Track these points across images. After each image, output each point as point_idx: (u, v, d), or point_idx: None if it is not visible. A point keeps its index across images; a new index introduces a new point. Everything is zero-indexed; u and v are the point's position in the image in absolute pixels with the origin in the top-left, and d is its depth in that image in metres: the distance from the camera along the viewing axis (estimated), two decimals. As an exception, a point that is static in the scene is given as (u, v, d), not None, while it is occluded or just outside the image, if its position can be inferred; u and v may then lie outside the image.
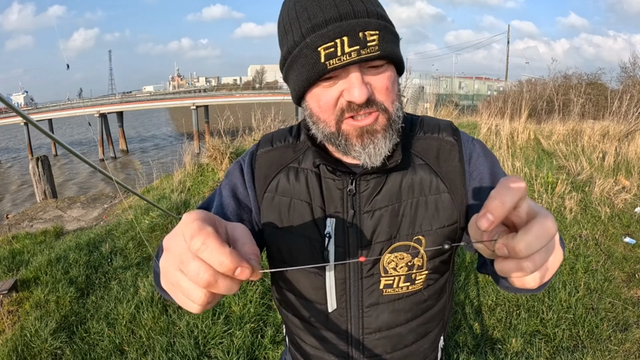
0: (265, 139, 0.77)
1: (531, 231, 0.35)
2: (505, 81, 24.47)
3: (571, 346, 2.32)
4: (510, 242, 0.36)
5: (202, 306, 0.37)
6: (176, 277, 0.37)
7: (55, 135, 1.74)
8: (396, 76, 0.64)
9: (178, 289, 0.37)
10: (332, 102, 0.60)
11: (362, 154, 0.62)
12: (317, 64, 0.57)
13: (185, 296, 0.37)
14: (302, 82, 0.60)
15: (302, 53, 0.58)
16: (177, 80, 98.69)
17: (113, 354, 2.31)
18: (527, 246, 0.35)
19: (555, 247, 0.39)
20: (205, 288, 0.35)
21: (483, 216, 0.35)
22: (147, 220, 4.16)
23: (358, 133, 0.61)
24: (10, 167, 24.05)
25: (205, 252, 0.34)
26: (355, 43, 0.55)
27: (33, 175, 6.44)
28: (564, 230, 3.78)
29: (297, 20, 0.59)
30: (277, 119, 6.23)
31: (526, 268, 0.36)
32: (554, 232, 0.36)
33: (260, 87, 61.43)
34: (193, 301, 0.37)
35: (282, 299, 0.77)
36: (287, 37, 0.61)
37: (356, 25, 0.55)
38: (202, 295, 0.36)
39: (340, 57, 0.55)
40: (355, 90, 0.57)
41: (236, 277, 0.35)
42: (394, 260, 0.67)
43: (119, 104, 31.66)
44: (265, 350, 2.28)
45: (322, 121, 0.63)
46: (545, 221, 0.36)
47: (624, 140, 6.17)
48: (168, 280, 0.39)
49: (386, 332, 0.71)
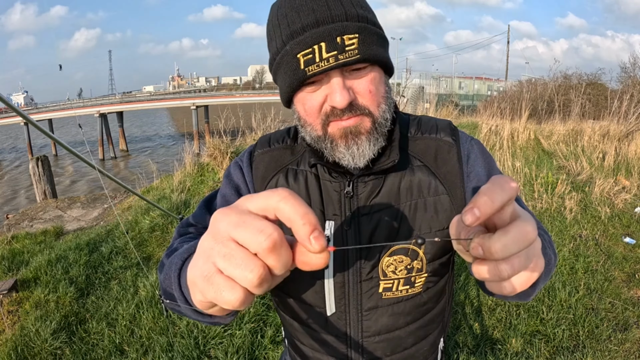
0: (263, 140, 0.77)
1: (509, 233, 0.33)
2: (505, 81, 24.48)
3: (571, 346, 2.32)
4: (487, 242, 0.34)
5: (254, 287, 0.32)
6: (226, 248, 0.32)
7: (56, 135, 1.74)
8: (382, 77, 0.64)
9: (228, 262, 0.32)
10: (317, 106, 0.61)
11: (345, 155, 0.63)
12: (298, 70, 0.58)
13: (231, 276, 0.32)
14: (287, 88, 0.61)
15: (283, 60, 0.59)
16: (177, 80, 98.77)
17: (113, 354, 2.31)
18: (503, 248, 0.33)
19: (537, 255, 0.37)
20: (270, 252, 0.31)
21: (469, 210, 0.33)
22: (147, 220, 4.16)
23: (342, 134, 0.62)
24: (19, 166, 24.02)
25: (287, 204, 0.32)
26: (333, 48, 0.55)
27: (33, 175, 6.44)
28: (564, 230, 3.78)
29: (279, 26, 0.60)
30: (277, 119, 6.23)
31: (503, 272, 0.34)
32: (533, 238, 0.34)
33: (260, 87, 61.47)
34: (244, 278, 0.31)
35: (281, 301, 0.76)
36: (271, 43, 0.62)
37: (332, 30, 0.56)
38: (259, 268, 0.31)
39: (319, 64, 0.56)
40: (336, 95, 0.57)
41: (312, 241, 0.32)
42: (393, 263, 0.66)
43: (119, 104, 31.67)
44: (265, 351, 2.28)
45: (309, 124, 0.64)
46: (525, 225, 0.34)
47: (624, 140, 6.17)
48: (208, 260, 0.34)
49: (385, 335, 0.71)
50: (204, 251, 0.35)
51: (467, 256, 0.40)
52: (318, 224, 0.32)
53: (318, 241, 0.32)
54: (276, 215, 0.33)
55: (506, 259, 0.34)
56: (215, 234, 0.34)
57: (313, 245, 0.32)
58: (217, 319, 0.55)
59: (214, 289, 0.33)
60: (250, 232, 0.31)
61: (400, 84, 9.41)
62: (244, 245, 0.32)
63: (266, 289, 0.33)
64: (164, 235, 3.88)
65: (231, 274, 0.32)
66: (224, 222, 0.33)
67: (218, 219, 0.34)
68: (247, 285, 0.32)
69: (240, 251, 0.32)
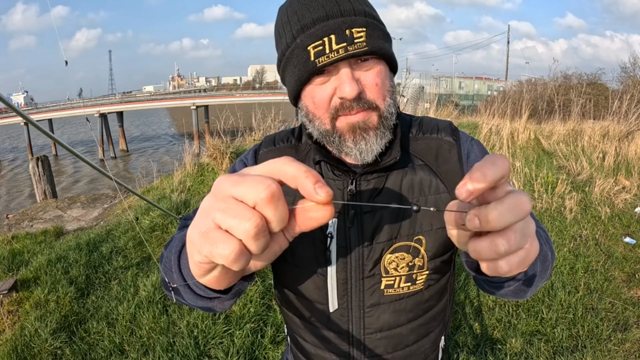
0: (268, 139, 0.79)
1: (505, 202, 0.34)
2: (505, 81, 24.47)
3: (571, 346, 2.33)
4: (483, 212, 0.34)
5: (250, 239, 0.32)
6: (225, 204, 0.33)
7: (56, 135, 1.74)
8: (387, 72, 0.66)
9: (226, 214, 0.32)
10: (326, 98, 0.62)
11: (353, 150, 0.64)
12: (308, 62, 0.60)
13: (228, 228, 0.32)
14: (296, 81, 0.63)
15: (293, 53, 0.61)
16: (177, 80, 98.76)
17: (113, 353, 2.31)
18: (500, 216, 0.33)
19: (532, 236, 0.37)
20: (268, 202, 0.32)
21: (463, 186, 0.33)
22: (147, 220, 4.16)
23: (350, 129, 0.63)
24: (21, 165, 24.02)
25: (291, 165, 0.33)
26: (343, 40, 0.58)
27: (33, 175, 6.44)
28: (564, 230, 3.78)
29: (289, 23, 0.62)
30: (277, 119, 6.23)
31: (500, 246, 0.34)
32: (528, 209, 0.34)
33: (260, 87, 61.47)
34: (240, 227, 0.32)
35: (284, 298, 0.77)
36: (281, 40, 0.64)
37: (342, 23, 0.58)
38: (256, 218, 0.32)
39: (329, 55, 0.58)
40: (346, 86, 0.59)
41: (318, 190, 0.32)
42: (395, 260, 0.68)
43: (119, 104, 31.63)
44: (266, 350, 2.28)
45: (317, 118, 0.65)
46: (521, 196, 0.34)
47: (624, 140, 6.17)
48: (207, 217, 0.34)
49: (387, 332, 0.72)
50: (203, 210, 0.35)
51: (461, 238, 0.39)
52: (321, 178, 0.33)
53: (323, 189, 0.32)
54: (280, 177, 0.34)
55: (502, 232, 0.34)
56: (216, 193, 0.34)
57: (319, 193, 0.32)
58: (216, 303, 0.55)
59: (210, 242, 0.33)
60: (249, 185, 0.32)
61: (400, 83, 9.40)
62: (242, 200, 0.33)
63: (262, 248, 0.33)
64: (163, 235, 3.88)
65: (228, 225, 0.32)
66: (225, 183, 0.34)
67: (220, 181, 0.35)
68: (243, 235, 0.32)
69: (239, 204, 0.32)
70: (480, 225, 0.34)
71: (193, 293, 0.53)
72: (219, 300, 0.55)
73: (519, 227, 0.35)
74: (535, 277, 0.56)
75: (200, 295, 0.53)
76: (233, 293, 0.54)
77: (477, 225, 0.34)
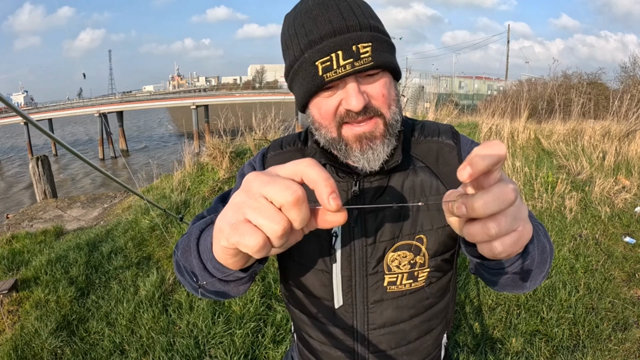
0: (275, 143, 0.82)
1: (490, 192, 0.37)
2: (505, 81, 24.46)
3: (571, 346, 2.33)
4: (469, 200, 0.37)
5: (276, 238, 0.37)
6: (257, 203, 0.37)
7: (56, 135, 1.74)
8: (392, 82, 0.68)
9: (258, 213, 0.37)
10: (332, 110, 0.65)
11: (360, 159, 0.66)
12: (316, 77, 0.62)
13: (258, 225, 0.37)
14: (304, 93, 0.65)
15: (302, 67, 0.63)
16: (177, 80, 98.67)
17: (113, 353, 2.31)
18: (484, 205, 0.36)
19: (524, 220, 0.40)
20: (294, 206, 0.36)
21: (463, 168, 0.35)
22: (147, 220, 4.16)
23: (357, 139, 0.65)
24: (21, 165, 24.01)
25: (313, 169, 0.37)
26: (349, 56, 0.60)
27: (33, 175, 6.44)
28: (563, 229, 3.78)
29: (297, 36, 0.64)
30: (277, 119, 6.22)
31: (491, 229, 0.38)
32: (513, 198, 0.37)
33: (260, 87, 61.43)
34: (270, 228, 0.36)
35: (291, 295, 0.80)
36: (288, 51, 0.66)
37: (349, 39, 0.60)
38: (284, 222, 0.36)
39: (336, 70, 0.60)
40: (352, 99, 0.61)
41: (330, 201, 0.37)
42: (397, 258, 0.70)
43: (118, 104, 31.61)
44: (266, 350, 2.28)
45: (324, 127, 0.68)
46: (506, 186, 0.37)
47: (624, 139, 6.17)
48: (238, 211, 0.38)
49: (390, 328, 0.74)
50: (235, 204, 0.40)
51: (457, 224, 0.42)
52: (336, 188, 0.38)
53: (335, 201, 0.37)
54: (302, 178, 0.38)
55: (492, 217, 0.38)
56: (248, 190, 0.39)
57: (331, 204, 0.37)
58: (232, 287, 0.59)
59: (238, 233, 0.38)
60: (279, 188, 0.37)
61: (400, 83, 9.36)
62: (272, 201, 0.37)
63: (283, 243, 0.38)
64: (163, 235, 3.88)
65: (259, 223, 0.37)
66: (256, 182, 0.38)
67: (250, 179, 0.39)
68: (271, 234, 0.37)
69: (270, 206, 0.37)
70: (467, 213, 0.38)
71: (210, 275, 0.56)
72: (235, 283, 0.58)
73: (510, 211, 0.38)
74: (534, 267, 0.57)
75: (218, 278, 0.55)
76: (248, 276, 0.57)
77: (464, 213, 0.38)
